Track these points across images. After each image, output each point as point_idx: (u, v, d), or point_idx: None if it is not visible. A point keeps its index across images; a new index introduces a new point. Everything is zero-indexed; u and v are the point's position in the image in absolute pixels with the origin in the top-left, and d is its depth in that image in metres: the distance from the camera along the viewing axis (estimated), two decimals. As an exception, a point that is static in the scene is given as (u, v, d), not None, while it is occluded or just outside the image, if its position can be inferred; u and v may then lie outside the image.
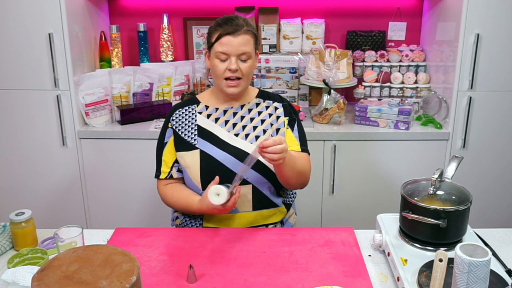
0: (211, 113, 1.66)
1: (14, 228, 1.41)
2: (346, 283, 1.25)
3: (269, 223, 1.64)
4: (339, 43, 2.82)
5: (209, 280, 1.27)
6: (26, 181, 2.50)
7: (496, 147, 2.46)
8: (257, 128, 1.64)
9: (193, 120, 1.65)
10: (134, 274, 0.93)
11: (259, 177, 1.59)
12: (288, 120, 1.67)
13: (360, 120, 2.49)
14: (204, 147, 1.60)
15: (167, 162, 1.65)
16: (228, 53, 1.54)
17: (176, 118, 1.66)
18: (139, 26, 2.73)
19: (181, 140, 1.63)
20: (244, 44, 1.55)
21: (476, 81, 2.36)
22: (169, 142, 1.65)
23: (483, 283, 1.04)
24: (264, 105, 1.69)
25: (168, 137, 1.66)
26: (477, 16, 2.27)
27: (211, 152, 1.59)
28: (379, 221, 1.47)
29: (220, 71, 1.56)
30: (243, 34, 1.54)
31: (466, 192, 1.37)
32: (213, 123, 1.64)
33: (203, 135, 1.62)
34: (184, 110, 1.67)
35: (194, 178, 1.60)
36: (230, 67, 1.54)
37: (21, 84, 2.37)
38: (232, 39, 1.53)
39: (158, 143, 1.69)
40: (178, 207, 1.63)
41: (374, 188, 2.49)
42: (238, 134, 1.62)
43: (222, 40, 1.54)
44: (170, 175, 1.65)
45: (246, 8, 2.77)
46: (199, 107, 1.67)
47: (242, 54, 1.55)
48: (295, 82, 2.77)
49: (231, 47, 1.54)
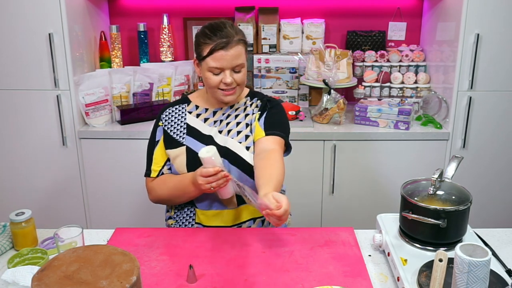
0: (200, 113, 1.66)
1: (14, 228, 1.41)
2: (346, 283, 1.25)
3: (256, 217, 1.63)
4: (339, 43, 2.82)
5: (209, 280, 1.27)
6: (26, 181, 2.50)
7: (496, 147, 2.46)
8: (240, 123, 1.63)
9: (182, 119, 1.65)
10: (134, 274, 0.93)
11: (242, 176, 1.58)
12: (259, 114, 1.65)
13: (360, 120, 2.49)
14: (191, 144, 1.60)
15: (158, 161, 1.64)
16: (222, 67, 1.52)
17: (166, 116, 1.66)
18: (139, 26, 2.73)
19: (170, 138, 1.63)
20: (237, 57, 1.52)
21: (476, 81, 2.36)
22: (160, 140, 1.65)
23: (483, 283, 1.04)
24: (249, 103, 1.69)
25: (159, 135, 1.65)
26: (477, 16, 2.27)
27: (196, 148, 1.58)
28: (379, 221, 1.47)
29: (215, 84, 1.55)
30: (235, 46, 1.51)
31: (466, 192, 1.37)
32: (201, 123, 1.64)
33: (191, 133, 1.62)
34: (175, 109, 1.67)
35: (181, 173, 1.60)
36: (226, 80, 1.52)
37: (22, 84, 2.37)
38: (225, 54, 1.50)
39: (150, 141, 1.68)
40: (171, 191, 1.59)
41: (374, 188, 2.49)
42: (222, 131, 1.62)
43: (215, 56, 1.50)
44: (161, 173, 1.63)
45: (246, 8, 2.77)
46: (190, 106, 1.67)
47: (236, 66, 1.53)
48: (295, 82, 2.77)
49: (224, 61, 1.51)
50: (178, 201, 1.62)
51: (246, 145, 1.60)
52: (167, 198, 1.63)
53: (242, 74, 1.56)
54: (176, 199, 1.61)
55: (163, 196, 1.62)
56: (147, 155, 1.68)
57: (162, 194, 1.62)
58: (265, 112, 1.64)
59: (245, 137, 1.61)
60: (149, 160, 1.66)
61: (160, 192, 1.62)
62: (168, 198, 1.63)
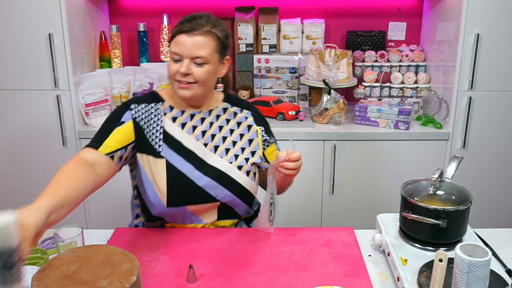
0: (176, 116, 1.50)
1: (14, 228, 1.41)
2: (346, 283, 1.25)
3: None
4: (339, 43, 2.83)
5: (209, 280, 1.27)
6: (26, 181, 2.50)
7: (496, 147, 2.46)
8: (227, 139, 1.53)
9: (158, 121, 1.48)
10: (134, 274, 0.93)
11: (233, 198, 1.51)
12: (263, 129, 1.60)
13: (360, 120, 2.49)
14: (170, 158, 1.45)
15: (116, 140, 1.41)
16: (180, 54, 1.40)
17: (140, 111, 1.47)
18: (139, 26, 2.73)
19: (145, 140, 1.46)
20: (200, 47, 1.39)
21: (476, 81, 2.36)
22: (126, 124, 1.45)
23: (483, 283, 1.04)
24: (232, 111, 1.58)
25: (126, 118, 1.45)
26: (477, 16, 2.27)
27: (178, 164, 1.45)
28: (379, 221, 1.47)
29: (171, 72, 1.43)
30: (201, 36, 1.39)
31: (466, 192, 1.37)
32: (179, 129, 1.49)
33: (168, 141, 1.47)
34: (150, 108, 1.49)
35: (160, 191, 1.44)
36: (180, 69, 1.40)
37: (21, 84, 2.37)
38: (186, 39, 1.39)
39: (110, 117, 1.47)
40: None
41: (374, 188, 2.49)
42: (207, 144, 1.51)
43: (176, 39, 1.40)
44: (112, 156, 1.40)
45: (246, 8, 2.77)
46: (164, 106, 1.51)
47: (197, 57, 1.40)
48: (295, 82, 2.77)
49: (183, 47, 1.39)
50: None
51: (238, 164, 1.52)
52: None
53: (204, 70, 1.41)
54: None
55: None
56: (102, 127, 1.45)
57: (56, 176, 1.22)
58: (270, 131, 1.63)
59: (241, 151, 1.54)
60: (103, 133, 1.42)
61: (59, 172, 1.24)
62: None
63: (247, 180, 1.53)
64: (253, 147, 1.57)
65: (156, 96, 1.53)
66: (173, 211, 1.48)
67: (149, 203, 1.48)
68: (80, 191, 1.22)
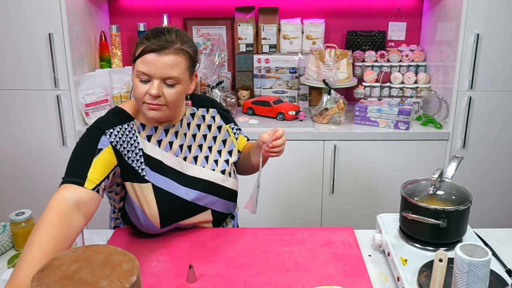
0: (150, 133, 1.42)
1: (14, 228, 1.41)
2: (346, 283, 1.25)
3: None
4: (339, 43, 2.83)
5: (209, 280, 1.27)
6: (26, 181, 2.50)
7: (496, 147, 2.46)
8: (203, 147, 1.51)
9: (135, 143, 1.39)
10: (134, 274, 0.92)
11: (223, 202, 1.53)
12: (232, 127, 1.60)
13: (360, 120, 2.49)
14: (155, 180, 1.39)
15: (99, 173, 1.28)
16: (150, 74, 1.29)
17: (117, 136, 1.36)
18: (139, 26, 2.73)
19: (127, 166, 1.36)
20: (172, 67, 1.29)
21: (476, 81, 2.36)
22: (104, 151, 1.31)
23: (483, 283, 1.04)
24: (200, 114, 1.53)
25: (103, 145, 1.32)
26: (477, 16, 2.27)
27: (164, 185, 1.40)
28: (379, 221, 1.47)
29: (140, 94, 1.31)
30: (172, 54, 1.29)
31: (466, 192, 1.37)
32: (156, 148, 1.41)
33: (150, 164, 1.39)
34: (124, 130, 1.38)
35: (151, 218, 1.40)
36: (151, 92, 1.29)
37: (21, 84, 2.37)
38: (157, 59, 1.28)
39: (83, 146, 1.33)
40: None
41: (374, 188, 2.49)
42: (186, 157, 1.47)
43: (145, 58, 1.28)
44: (97, 189, 1.27)
45: (246, 8, 2.77)
46: (136, 124, 1.41)
47: (168, 78, 1.30)
48: (295, 82, 2.77)
49: (154, 67, 1.28)
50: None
51: (221, 169, 1.52)
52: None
53: (175, 91, 1.32)
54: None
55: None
56: (77, 159, 1.30)
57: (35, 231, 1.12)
58: (235, 123, 1.62)
59: (219, 154, 1.54)
60: (80, 166, 1.28)
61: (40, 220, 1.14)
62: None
63: (233, 182, 1.55)
64: (229, 146, 1.58)
65: (125, 114, 1.41)
66: (167, 230, 1.48)
67: (140, 226, 1.44)
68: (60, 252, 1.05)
